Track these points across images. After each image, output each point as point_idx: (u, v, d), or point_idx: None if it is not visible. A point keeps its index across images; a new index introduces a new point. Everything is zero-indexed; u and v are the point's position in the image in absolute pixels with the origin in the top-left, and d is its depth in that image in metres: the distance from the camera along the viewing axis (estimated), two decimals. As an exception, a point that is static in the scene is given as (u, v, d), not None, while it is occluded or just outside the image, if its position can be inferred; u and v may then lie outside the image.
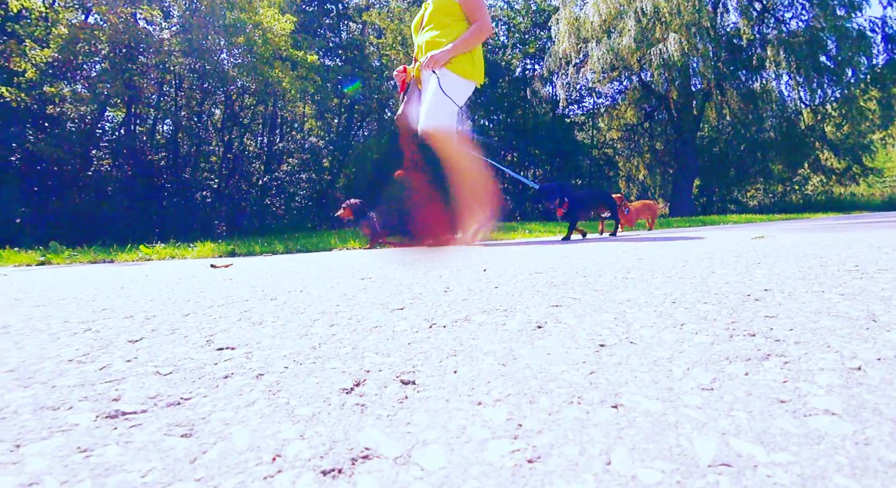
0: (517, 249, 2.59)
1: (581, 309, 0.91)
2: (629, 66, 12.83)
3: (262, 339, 0.69)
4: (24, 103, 7.94)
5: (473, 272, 1.54)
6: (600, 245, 2.96)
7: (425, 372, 0.55)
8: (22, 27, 7.92)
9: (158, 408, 0.43)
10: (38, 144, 8.02)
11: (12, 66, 7.83)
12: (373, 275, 1.49)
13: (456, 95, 2.80)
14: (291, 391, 0.47)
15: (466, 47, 2.74)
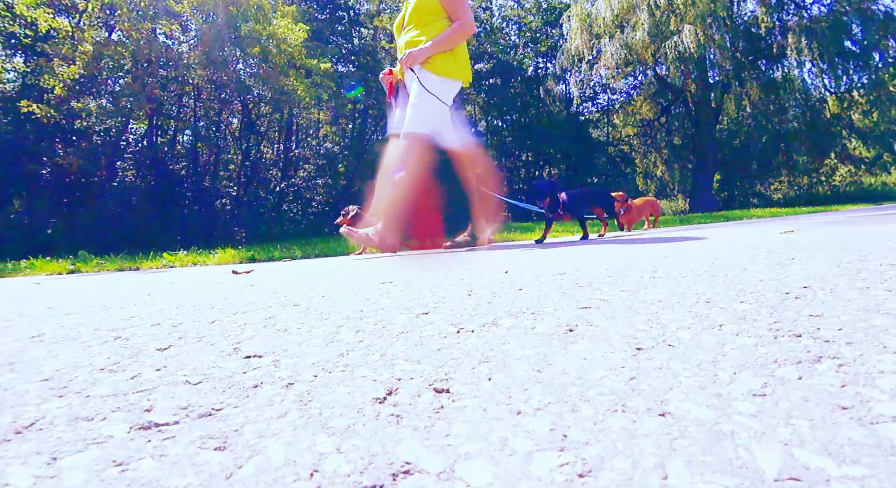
0: (525, 251, 2.55)
1: (611, 311, 0.89)
2: (643, 60, 12.62)
3: (289, 347, 0.68)
4: (54, 118, 8.24)
5: (494, 274, 1.52)
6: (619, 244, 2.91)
7: (459, 380, 0.53)
8: (50, 46, 8.22)
9: (190, 420, 0.42)
10: (67, 157, 8.30)
11: (42, 84, 8.13)
12: (393, 279, 1.48)
13: (439, 94, 2.68)
14: (323, 401, 0.46)
15: (447, 46, 2.63)
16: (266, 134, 11.88)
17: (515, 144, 16.86)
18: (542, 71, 17.16)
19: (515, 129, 16.60)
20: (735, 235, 2.63)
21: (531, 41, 16.95)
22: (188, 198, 10.04)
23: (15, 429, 0.42)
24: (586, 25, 12.80)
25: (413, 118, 2.64)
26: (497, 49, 16.49)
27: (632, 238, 3.38)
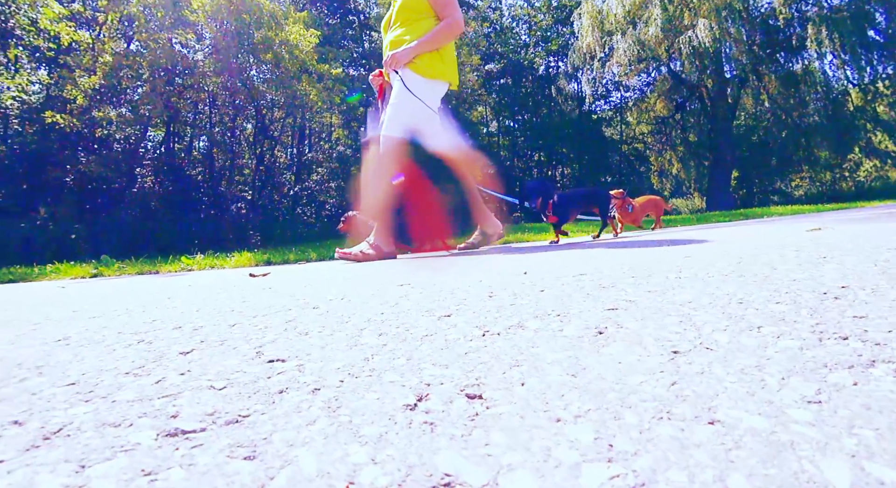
0: (539, 253, 2.52)
1: (640, 312, 0.85)
2: (657, 56, 12.41)
3: (312, 351, 0.67)
4: (76, 128, 8.46)
5: (513, 275, 1.50)
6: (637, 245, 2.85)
7: (490, 385, 0.51)
8: (72, 58, 8.45)
9: (217, 427, 0.41)
10: (89, 165, 8.51)
11: (65, 95, 8.36)
12: (411, 281, 1.46)
13: (423, 96, 2.52)
14: (352, 407, 0.45)
15: (433, 45, 2.49)
16: (279, 138, 12.02)
17: (527, 144, 16.76)
18: (554, 70, 17.04)
19: (527, 129, 16.50)
20: (758, 234, 2.56)
21: (542, 40, 16.84)
22: (204, 203, 10.21)
23: (43, 435, 0.41)
24: (597, 22, 12.65)
25: (390, 120, 2.51)
26: (507, 49, 16.43)
27: (649, 240, 3.31)
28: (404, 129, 2.53)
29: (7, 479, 0.33)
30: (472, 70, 12.51)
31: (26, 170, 8.50)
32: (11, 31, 8.50)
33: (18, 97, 8.60)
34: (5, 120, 8.98)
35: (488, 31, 16.11)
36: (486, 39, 15.53)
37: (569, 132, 16.00)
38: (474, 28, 14.26)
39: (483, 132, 16.40)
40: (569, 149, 16.59)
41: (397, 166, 2.54)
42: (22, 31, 8.58)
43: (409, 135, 2.55)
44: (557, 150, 16.60)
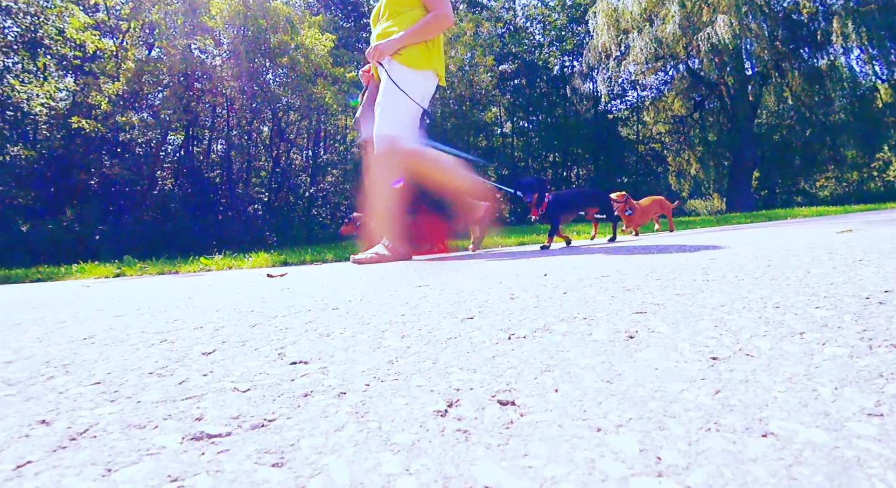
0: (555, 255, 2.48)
1: (670, 316, 0.82)
2: (675, 54, 12.16)
3: (335, 353, 0.65)
4: (100, 132, 8.71)
5: (533, 277, 1.47)
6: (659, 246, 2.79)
7: (523, 391, 0.48)
8: (97, 66, 8.70)
9: (243, 431, 0.40)
10: (113, 168, 8.75)
11: (90, 101, 8.61)
12: (429, 283, 1.45)
13: (410, 89, 2.39)
14: (380, 413, 0.43)
15: (420, 37, 2.37)
16: (295, 141, 12.17)
17: (542, 145, 16.63)
18: (568, 69, 16.88)
19: (542, 130, 16.38)
20: (784, 235, 2.48)
21: (556, 39, 16.71)
22: (222, 205, 10.39)
23: (70, 436, 0.40)
24: (613, 20, 12.48)
25: (381, 117, 2.40)
26: (521, 49, 16.33)
27: (670, 242, 3.24)
28: (398, 125, 2.41)
29: (34, 482, 0.32)
30: (486, 71, 12.47)
31: (54, 174, 8.77)
32: (40, 40, 8.79)
33: (47, 104, 8.88)
34: (34, 126, 9.28)
35: (502, 31, 16.04)
36: (500, 40, 15.46)
37: (584, 132, 15.83)
38: (487, 28, 14.22)
39: (497, 133, 16.33)
40: (584, 149, 16.41)
41: (397, 165, 2.45)
42: (50, 40, 8.87)
43: (403, 131, 2.43)
44: (572, 151, 16.43)
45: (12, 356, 0.75)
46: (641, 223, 4.52)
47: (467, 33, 11.89)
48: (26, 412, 0.47)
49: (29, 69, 9.19)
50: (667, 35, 11.24)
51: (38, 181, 8.66)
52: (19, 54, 8.87)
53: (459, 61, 11.78)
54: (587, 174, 17.22)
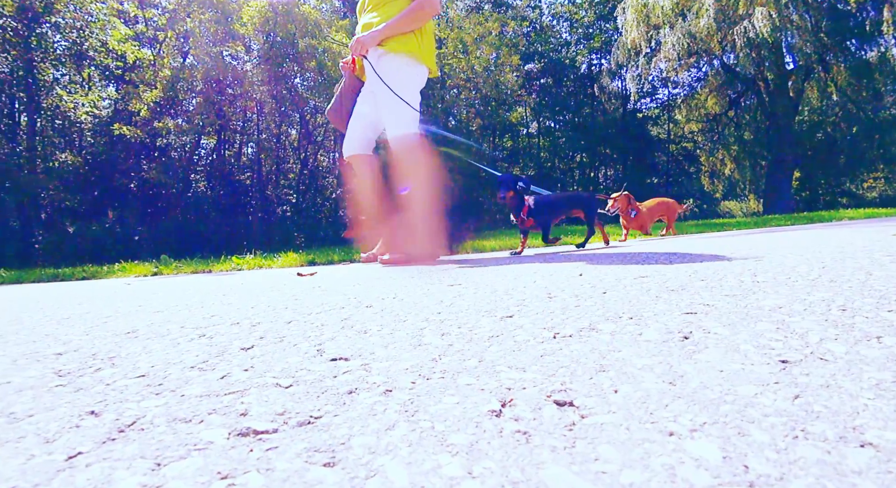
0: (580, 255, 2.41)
1: (724, 317, 0.77)
2: (709, 49, 11.70)
3: (375, 350, 0.64)
4: (140, 138, 9.10)
5: (568, 276, 1.43)
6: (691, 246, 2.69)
7: (580, 392, 0.45)
8: (136, 74, 9.10)
9: (290, 428, 0.38)
10: (150, 172, 9.12)
11: (131, 108, 9.01)
12: (461, 282, 1.42)
13: (405, 77, 2.25)
14: (431, 412, 0.40)
15: (405, 27, 2.23)
16: (323, 143, 12.39)
17: (569, 145, 16.36)
18: (596, 68, 16.54)
19: (569, 130, 16.11)
20: (833, 238, 2.34)
21: (583, 37, 16.41)
22: (252, 206, 10.68)
23: (118, 428, 0.40)
24: (643, 16, 12.13)
25: (390, 118, 2.25)
26: (548, 47, 16.12)
27: (703, 243, 3.11)
28: (407, 122, 2.28)
29: (86, 474, 0.31)
30: (512, 70, 12.36)
31: (97, 178, 9.22)
32: (86, 52, 9.27)
33: (91, 112, 9.35)
34: (80, 133, 9.79)
35: (528, 30, 15.87)
36: (526, 39, 15.30)
37: (612, 132, 15.46)
38: (513, 28, 14.11)
39: (523, 133, 16.17)
40: (612, 149, 16.03)
41: (422, 161, 2.31)
42: (94, 52, 9.34)
43: (414, 125, 2.30)
44: (600, 151, 16.09)
45: (62, 348, 0.76)
46: (646, 226, 4.21)
47: (492, 33, 11.83)
48: (76, 402, 0.47)
49: (75, 80, 9.71)
50: (700, 29, 10.82)
51: (84, 185, 9.13)
52: (67, 66, 9.37)
53: (485, 61, 11.73)
54: (615, 175, 16.83)
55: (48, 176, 8.50)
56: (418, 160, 2.33)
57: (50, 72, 9.08)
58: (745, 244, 2.44)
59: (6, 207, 8.03)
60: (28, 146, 8.59)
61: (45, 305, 1.49)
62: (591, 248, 2.99)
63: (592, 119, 15.64)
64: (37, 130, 9.02)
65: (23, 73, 8.49)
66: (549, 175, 15.41)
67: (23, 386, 0.55)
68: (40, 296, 1.92)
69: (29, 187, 8.04)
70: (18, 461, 0.34)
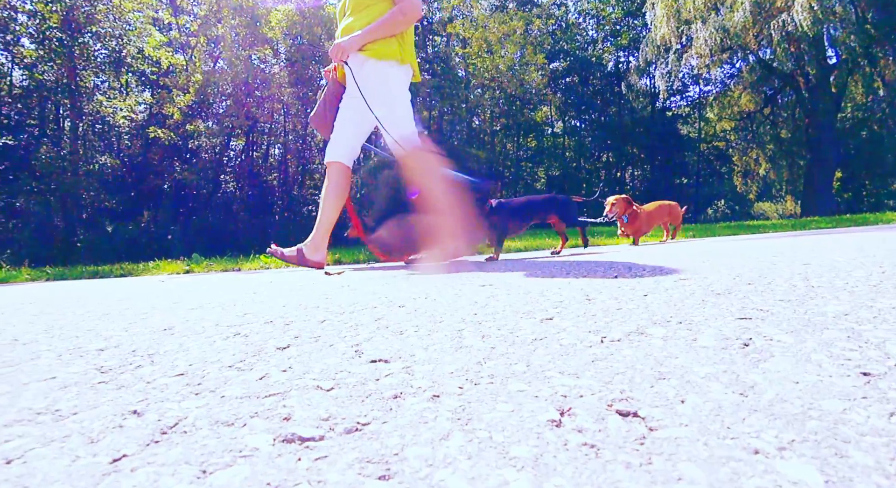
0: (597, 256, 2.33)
1: (784, 323, 0.72)
2: (744, 44, 11.23)
3: (415, 352, 0.61)
4: (173, 141, 9.42)
5: (603, 278, 1.37)
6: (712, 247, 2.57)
7: (643, 401, 0.42)
8: (170, 79, 9.44)
9: (337, 435, 0.36)
10: (183, 173, 9.43)
11: (164, 111, 9.35)
12: (493, 282, 1.39)
13: (388, 80, 2.21)
14: (486, 420, 0.38)
15: (386, 32, 2.20)
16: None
17: (595, 145, 16.05)
18: (624, 65, 16.17)
19: (595, 129, 15.81)
20: (885, 241, 2.19)
21: (611, 34, 16.08)
22: (279, 206, 10.90)
23: (161, 429, 0.38)
24: (673, 11, 11.76)
25: (385, 124, 2.22)
26: (573, 46, 15.86)
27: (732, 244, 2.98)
28: (402, 124, 2.25)
29: (131, 479, 0.30)
30: (537, 69, 12.21)
31: (133, 180, 9.60)
32: (124, 59, 9.67)
33: (128, 116, 9.75)
34: (118, 137, 10.22)
35: (553, 28, 15.66)
36: (551, 37, 15.09)
37: (640, 131, 15.09)
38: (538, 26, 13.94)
39: (547, 133, 15.96)
40: (640, 149, 15.64)
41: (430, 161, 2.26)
42: (132, 59, 9.74)
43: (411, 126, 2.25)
44: (627, 151, 15.72)
45: (103, 344, 0.77)
46: (645, 231, 3.85)
47: (517, 31, 11.72)
48: (118, 401, 0.47)
49: (114, 86, 10.14)
50: (735, 24, 10.39)
51: (121, 187, 9.52)
52: (106, 73, 9.80)
53: (510, 61, 11.63)
54: (642, 175, 16.43)
55: (89, 178, 8.89)
56: (424, 158, 2.27)
57: (91, 79, 9.51)
58: (784, 246, 2.32)
59: (51, 207, 8.44)
60: (71, 149, 9.01)
61: (86, 301, 1.53)
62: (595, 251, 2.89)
63: (619, 118, 15.28)
64: (79, 134, 9.45)
65: (67, 80, 8.92)
66: (574, 176, 15.15)
67: (67, 382, 0.55)
68: (82, 292, 1.99)
69: (72, 188, 8.43)
70: (64, 462, 0.33)
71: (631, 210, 3.63)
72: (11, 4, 8.58)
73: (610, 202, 3.64)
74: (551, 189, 14.41)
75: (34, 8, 8.64)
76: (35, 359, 0.69)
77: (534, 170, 15.25)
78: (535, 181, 15.09)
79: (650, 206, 3.96)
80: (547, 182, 15.01)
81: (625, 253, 2.66)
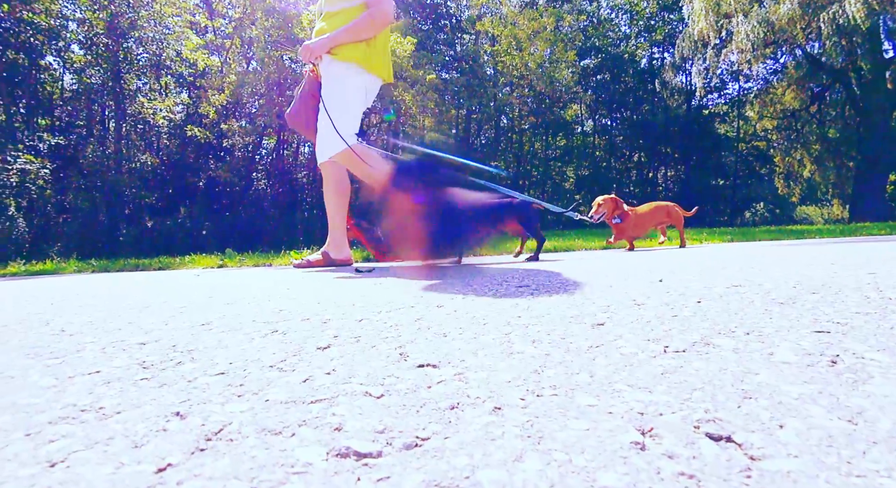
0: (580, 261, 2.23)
1: (870, 339, 0.65)
2: (790, 38, 10.63)
3: (464, 357, 0.58)
4: (208, 139, 9.74)
5: (648, 282, 1.30)
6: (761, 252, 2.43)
7: (734, 424, 0.36)
8: (206, 80, 9.76)
9: (396, 451, 0.33)
10: (217, 171, 9.74)
11: (201, 111, 9.68)
12: (529, 284, 1.34)
13: (347, 86, 2.27)
14: (559, 439, 0.33)
15: (353, 36, 2.24)
16: (375, 142, 12.66)
17: (626, 144, 15.62)
18: (658, 62, 15.65)
19: (626, 128, 15.37)
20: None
21: (645, 30, 15.58)
22: (308, 203, 11.10)
23: (206, 435, 0.36)
24: (712, 5, 11.26)
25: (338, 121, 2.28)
26: (606, 42, 15.46)
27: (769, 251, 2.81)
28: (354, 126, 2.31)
29: (176, 494, 0.28)
30: (567, 67, 11.96)
31: (171, 177, 9.98)
32: (163, 62, 10.07)
33: (167, 116, 10.14)
34: (158, 136, 10.64)
35: (584, 24, 15.30)
36: (583, 33, 14.75)
37: (674, 130, 14.57)
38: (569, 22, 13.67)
39: (577, 132, 15.63)
40: (673, 148, 15.12)
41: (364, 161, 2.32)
42: (171, 61, 10.13)
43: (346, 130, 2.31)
44: (660, 151, 15.22)
45: (144, 338, 0.77)
46: (637, 235, 3.49)
47: (547, 28, 11.52)
48: (161, 400, 0.45)
49: (154, 88, 10.57)
50: (780, 17, 9.84)
51: (160, 184, 9.91)
52: (147, 76, 10.23)
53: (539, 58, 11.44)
54: (676, 176, 15.88)
55: (131, 175, 9.30)
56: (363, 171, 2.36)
57: (134, 81, 9.95)
58: (835, 253, 2.17)
59: (97, 204, 8.88)
60: (115, 149, 9.45)
61: (128, 294, 1.57)
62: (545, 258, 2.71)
63: (653, 116, 14.79)
64: (122, 134, 9.91)
65: (111, 83, 9.36)
66: (604, 176, 14.78)
67: (111, 377, 0.54)
68: (125, 285, 2.05)
69: (116, 186, 8.84)
70: (107, 470, 0.30)
71: (622, 211, 3.32)
72: (63, 14, 9.07)
73: (597, 202, 3.35)
74: (580, 189, 14.12)
75: (83, 16, 9.10)
76: (80, 351, 0.69)
77: (562, 170, 14.97)
78: (563, 181, 14.81)
79: (645, 208, 3.62)
80: (576, 182, 14.70)
81: (648, 256, 2.55)
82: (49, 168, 7.72)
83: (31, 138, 8.34)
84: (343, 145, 2.29)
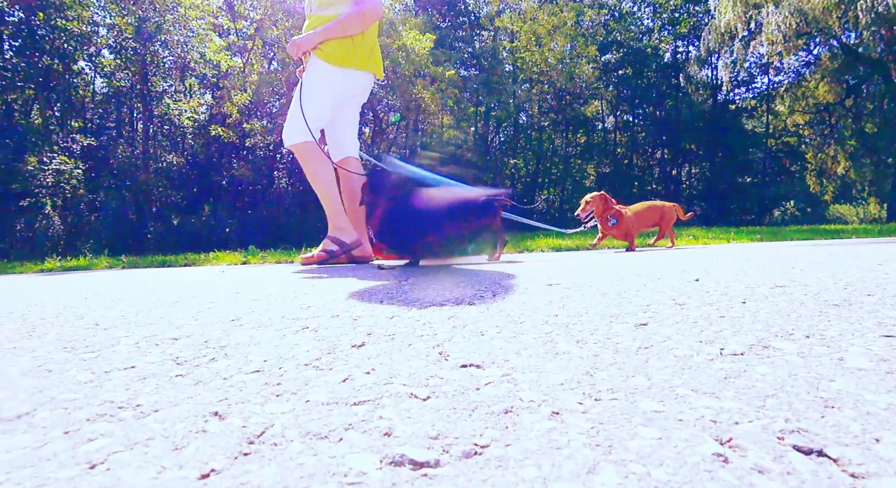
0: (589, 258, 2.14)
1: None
2: (825, 28, 10.17)
3: (508, 357, 0.55)
4: (231, 139, 9.94)
5: (683, 281, 1.25)
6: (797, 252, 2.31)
7: (823, 436, 0.33)
8: (229, 81, 9.95)
9: (455, 459, 0.30)
10: (240, 170, 9.92)
11: (224, 111, 9.87)
12: (559, 281, 1.30)
13: (326, 85, 2.31)
14: (631, 449, 0.30)
15: (339, 33, 2.27)
16: (395, 140, 12.70)
17: (648, 140, 15.27)
18: (682, 55, 15.23)
19: (649, 124, 15.02)
20: None
21: (668, 23, 15.18)
22: (328, 202, 11.20)
23: (248, 438, 0.34)
24: (741, -5, 10.88)
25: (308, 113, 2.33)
26: (628, 36, 15.12)
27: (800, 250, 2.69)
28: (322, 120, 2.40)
29: (224, 503, 0.26)
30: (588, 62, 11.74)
31: (196, 176, 10.22)
32: (188, 64, 10.31)
33: (192, 117, 10.38)
34: (183, 136, 10.91)
35: (605, 18, 15.00)
36: (604, 27, 14.47)
37: (699, 126, 14.16)
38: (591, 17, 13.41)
39: (598, 128, 15.36)
40: (698, 145, 14.70)
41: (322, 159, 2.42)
42: (195, 63, 10.37)
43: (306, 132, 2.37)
44: (684, 147, 14.82)
45: (176, 333, 0.77)
46: (630, 235, 3.21)
47: (568, 23, 11.33)
48: (198, 399, 0.44)
49: (179, 89, 10.83)
50: (814, 6, 9.40)
51: (185, 183, 10.17)
52: (173, 77, 10.50)
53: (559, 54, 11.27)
54: (700, 173, 15.46)
55: (158, 175, 9.57)
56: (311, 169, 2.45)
57: (160, 84, 10.22)
58: (878, 253, 2.05)
59: (126, 202, 9.17)
60: (143, 149, 9.74)
61: (157, 289, 1.59)
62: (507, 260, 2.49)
63: (676, 112, 14.41)
64: (150, 135, 10.19)
65: (139, 86, 9.63)
66: (625, 173, 14.48)
67: (146, 372, 0.54)
68: (153, 281, 2.08)
69: (143, 185, 9.11)
70: (149, 474, 0.29)
71: (613, 210, 3.10)
72: (94, 20, 9.38)
73: (585, 200, 3.14)
74: (601, 187, 13.89)
75: (112, 21, 9.39)
76: (115, 346, 0.69)
77: (582, 168, 14.74)
78: (584, 178, 14.58)
79: (639, 206, 3.40)
80: (597, 179, 14.45)
81: (669, 254, 2.47)
82: (82, 168, 8.00)
83: (66, 140, 8.65)
84: (307, 136, 2.35)
